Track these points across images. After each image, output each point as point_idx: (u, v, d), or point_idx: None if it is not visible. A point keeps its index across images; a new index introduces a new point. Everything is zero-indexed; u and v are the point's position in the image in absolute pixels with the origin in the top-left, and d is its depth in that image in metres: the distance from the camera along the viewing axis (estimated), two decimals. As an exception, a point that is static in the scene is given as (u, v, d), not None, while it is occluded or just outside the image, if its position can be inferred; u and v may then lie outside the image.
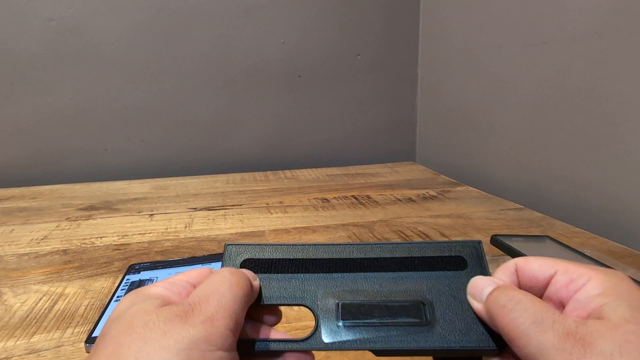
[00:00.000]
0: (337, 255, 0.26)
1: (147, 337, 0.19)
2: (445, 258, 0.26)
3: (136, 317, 0.20)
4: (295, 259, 0.26)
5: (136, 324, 0.19)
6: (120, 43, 0.93)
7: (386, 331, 0.23)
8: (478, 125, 0.89)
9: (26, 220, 0.69)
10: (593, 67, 0.62)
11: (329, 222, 0.65)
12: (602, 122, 0.62)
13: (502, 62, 0.80)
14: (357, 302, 0.24)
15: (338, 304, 0.24)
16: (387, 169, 1.01)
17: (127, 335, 0.19)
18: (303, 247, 0.27)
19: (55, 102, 0.93)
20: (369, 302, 0.24)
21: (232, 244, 0.27)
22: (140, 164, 1.00)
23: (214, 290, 0.22)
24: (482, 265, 0.26)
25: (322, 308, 0.24)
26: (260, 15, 0.98)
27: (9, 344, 0.37)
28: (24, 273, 0.51)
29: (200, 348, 0.19)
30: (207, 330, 0.19)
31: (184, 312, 0.20)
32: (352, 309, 0.24)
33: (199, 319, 0.20)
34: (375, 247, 0.27)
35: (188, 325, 0.19)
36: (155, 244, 0.58)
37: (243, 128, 1.04)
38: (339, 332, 0.23)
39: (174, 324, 0.19)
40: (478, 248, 0.27)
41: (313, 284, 0.25)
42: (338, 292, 0.25)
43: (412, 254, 0.26)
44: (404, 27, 1.07)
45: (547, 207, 0.71)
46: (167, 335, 0.19)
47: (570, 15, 0.65)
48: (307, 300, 0.25)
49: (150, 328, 0.19)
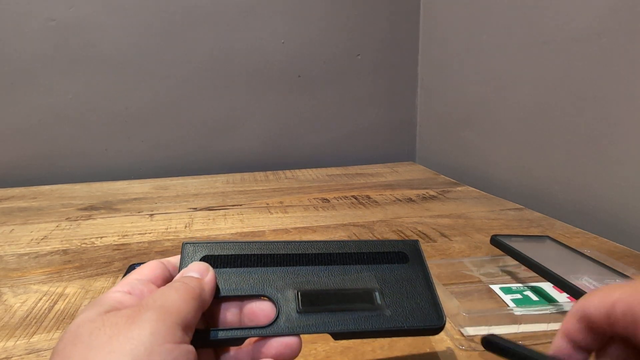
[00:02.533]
0: (293, 251, 0.28)
1: (93, 345, 0.18)
2: (390, 254, 0.30)
3: (81, 327, 0.20)
4: (253, 254, 0.28)
5: (82, 334, 0.19)
6: (120, 43, 0.93)
7: (342, 316, 0.25)
8: (478, 125, 0.89)
9: (26, 220, 0.69)
10: (593, 67, 0.62)
11: (329, 222, 0.65)
12: (602, 122, 0.62)
13: (502, 62, 0.80)
14: (315, 291, 0.26)
15: (297, 292, 0.26)
16: (387, 169, 1.01)
17: (73, 346, 0.19)
18: (260, 244, 0.29)
19: (56, 102, 0.93)
20: (325, 290, 0.27)
21: (189, 243, 0.28)
22: (141, 164, 1.00)
23: (162, 293, 0.22)
24: (421, 261, 0.30)
25: (282, 297, 0.26)
26: (260, 15, 0.98)
27: (9, 344, 0.37)
28: (24, 273, 0.51)
29: (146, 345, 0.19)
30: (154, 326, 0.19)
31: (131, 313, 0.20)
32: (311, 297, 0.26)
33: (145, 316, 0.20)
34: (328, 243, 0.29)
35: (134, 326, 0.19)
36: (156, 244, 0.58)
37: (243, 128, 1.04)
38: (299, 318, 0.25)
39: (119, 327, 0.19)
40: (417, 246, 0.31)
41: (272, 276, 0.27)
42: (296, 283, 0.27)
43: (360, 250, 0.29)
44: (404, 27, 1.07)
45: (547, 207, 0.71)
46: (112, 339, 0.19)
47: (570, 15, 0.65)
48: (267, 291, 0.26)
49: (96, 335, 0.19)
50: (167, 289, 0.23)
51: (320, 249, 0.29)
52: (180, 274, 0.26)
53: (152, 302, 0.21)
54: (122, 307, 0.21)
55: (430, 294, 0.28)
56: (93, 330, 0.19)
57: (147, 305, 0.21)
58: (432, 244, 0.57)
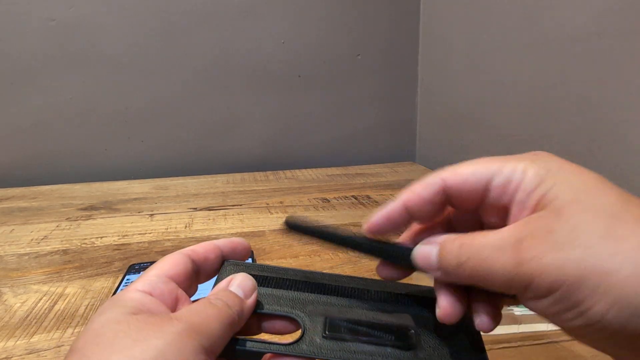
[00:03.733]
0: (330, 282, 0.27)
1: (116, 347, 0.18)
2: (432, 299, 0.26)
3: (105, 327, 0.19)
4: (288, 279, 0.27)
5: (105, 334, 0.19)
6: (120, 43, 0.93)
7: (370, 349, 0.23)
8: (478, 125, 0.89)
9: (26, 220, 0.69)
10: (593, 67, 0.62)
11: (329, 222, 0.65)
12: (602, 122, 0.62)
13: (502, 62, 0.80)
14: (344, 318, 0.25)
15: (326, 318, 0.25)
16: (387, 169, 1.01)
17: (95, 346, 0.18)
18: (299, 271, 0.27)
19: (56, 102, 0.93)
20: (356, 319, 0.25)
21: (231, 262, 0.27)
22: (141, 164, 1.00)
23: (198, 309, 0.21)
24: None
25: (309, 320, 0.25)
26: (260, 15, 0.98)
27: (9, 344, 0.37)
28: (24, 273, 0.51)
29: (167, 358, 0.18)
30: (179, 342, 0.18)
31: (160, 322, 0.19)
32: (339, 325, 0.24)
33: (174, 329, 0.19)
34: (368, 281, 0.27)
35: (160, 334, 0.18)
36: (156, 244, 0.58)
37: (243, 128, 1.04)
38: (323, 343, 0.24)
39: (145, 333, 0.18)
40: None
41: (303, 300, 0.26)
42: (327, 311, 0.25)
43: (402, 291, 0.27)
44: (404, 27, 1.07)
45: (547, 207, 0.71)
46: (136, 344, 0.18)
47: (570, 15, 0.65)
48: (295, 313, 0.25)
49: (120, 337, 0.18)
50: (204, 306, 0.21)
51: (359, 284, 0.27)
52: (224, 284, 0.24)
53: (185, 316, 0.20)
54: (144, 309, 0.20)
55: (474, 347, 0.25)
56: (118, 332, 0.19)
57: (179, 318, 0.20)
58: (432, 244, 0.56)
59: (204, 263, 0.25)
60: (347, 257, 0.53)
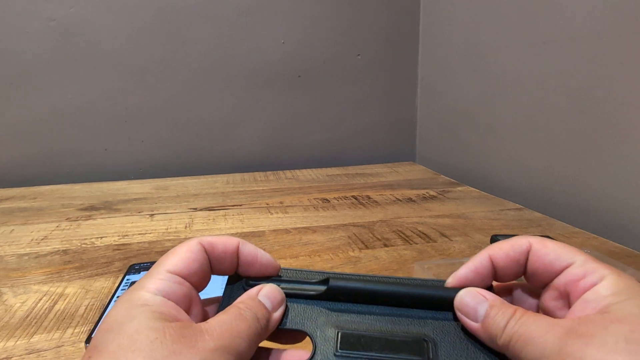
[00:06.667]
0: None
1: (154, 356, 0.18)
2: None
3: (141, 334, 0.19)
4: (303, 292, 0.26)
5: (141, 341, 0.18)
6: (120, 43, 0.93)
7: None
8: (478, 125, 0.89)
9: (26, 220, 0.69)
10: (593, 67, 0.62)
11: (329, 222, 0.65)
12: (602, 122, 0.62)
13: (502, 63, 0.80)
14: (357, 333, 0.24)
15: (338, 333, 0.24)
16: (387, 169, 1.01)
17: (131, 352, 0.18)
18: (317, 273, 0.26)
19: (56, 102, 0.93)
20: (369, 334, 0.24)
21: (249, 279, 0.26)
22: (141, 164, 1.00)
23: (229, 322, 0.21)
24: None
25: (321, 336, 0.24)
26: (260, 15, 0.99)
27: (9, 344, 0.37)
28: (24, 273, 0.51)
29: None
30: (210, 359, 0.19)
31: (192, 334, 0.19)
32: (352, 340, 0.23)
33: (206, 345, 0.19)
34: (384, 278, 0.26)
35: (194, 350, 0.19)
36: (156, 244, 0.58)
37: (243, 128, 1.04)
38: None
39: (181, 345, 0.19)
40: None
41: (315, 311, 0.25)
42: (339, 322, 0.24)
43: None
44: (404, 27, 1.07)
45: (547, 207, 0.71)
46: (173, 355, 0.18)
47: (570, 15, 0.65)
48: (307, 327, 0.24)
49: (157, 346, 0.18)
50: (235, 319, 0.21)
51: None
52: (253, 293, 0.24)
53: (217, 332, 0.20)
54: (171, 316, 0.20)
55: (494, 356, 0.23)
56: (154, 340, 0.18)
57: (211, 334, 0.20)
58: (432, 244, 0.57)
59: (218, 262, 0.25)
60: (347, 257, 0.53)
